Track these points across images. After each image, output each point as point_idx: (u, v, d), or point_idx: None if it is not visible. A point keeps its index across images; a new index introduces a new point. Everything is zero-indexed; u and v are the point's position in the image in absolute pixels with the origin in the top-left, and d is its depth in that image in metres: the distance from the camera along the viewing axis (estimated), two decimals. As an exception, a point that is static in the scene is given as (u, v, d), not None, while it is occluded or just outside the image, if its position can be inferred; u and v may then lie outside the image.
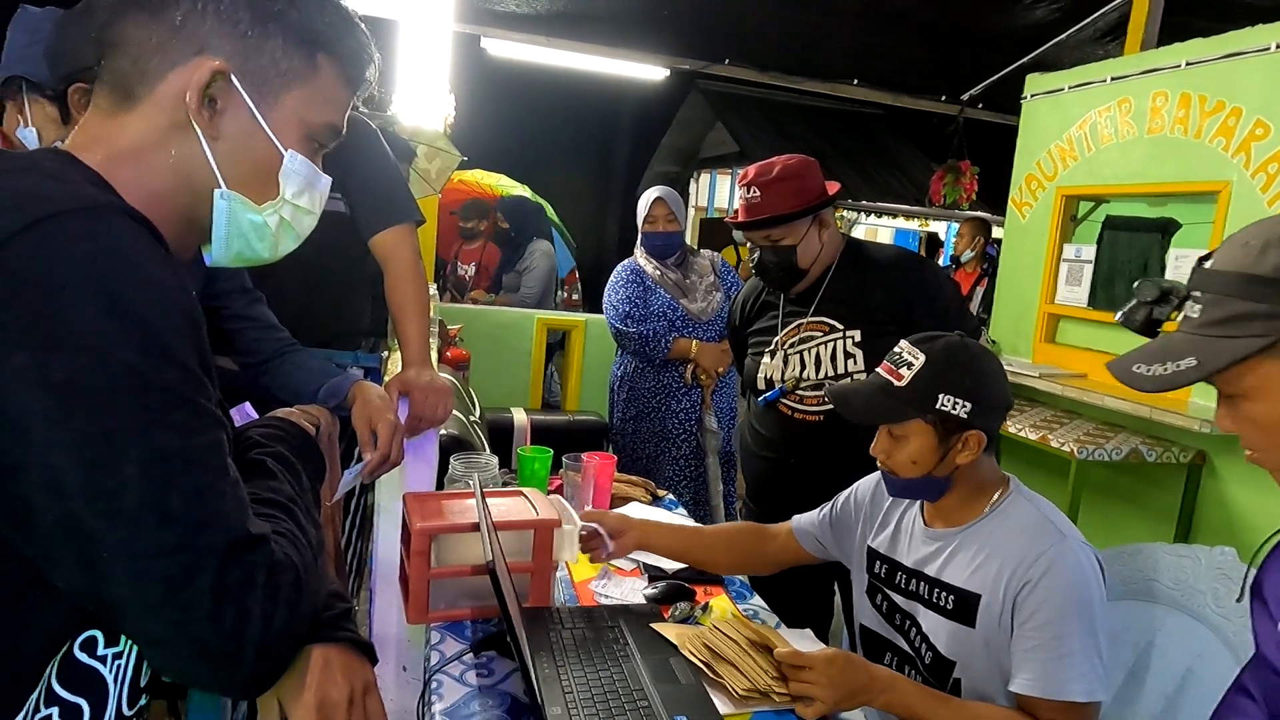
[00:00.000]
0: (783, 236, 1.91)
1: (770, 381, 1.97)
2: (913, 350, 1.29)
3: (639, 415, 2.85)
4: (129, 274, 0.55)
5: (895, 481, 1.34)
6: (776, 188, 1.89)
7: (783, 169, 1.90)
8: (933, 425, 1.26)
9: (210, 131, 0.66)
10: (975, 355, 1.29)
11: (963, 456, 1.27)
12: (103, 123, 0.67)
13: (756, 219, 1.91)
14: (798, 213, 1.90)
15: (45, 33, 1.53)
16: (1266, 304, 0.77)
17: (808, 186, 1.93)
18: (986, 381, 1.28)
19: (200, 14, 0.66)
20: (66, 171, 0.61)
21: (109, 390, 0.52)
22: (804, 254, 1.92)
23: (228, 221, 0.69)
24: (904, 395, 1.27)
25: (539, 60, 5.94)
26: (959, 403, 1.24)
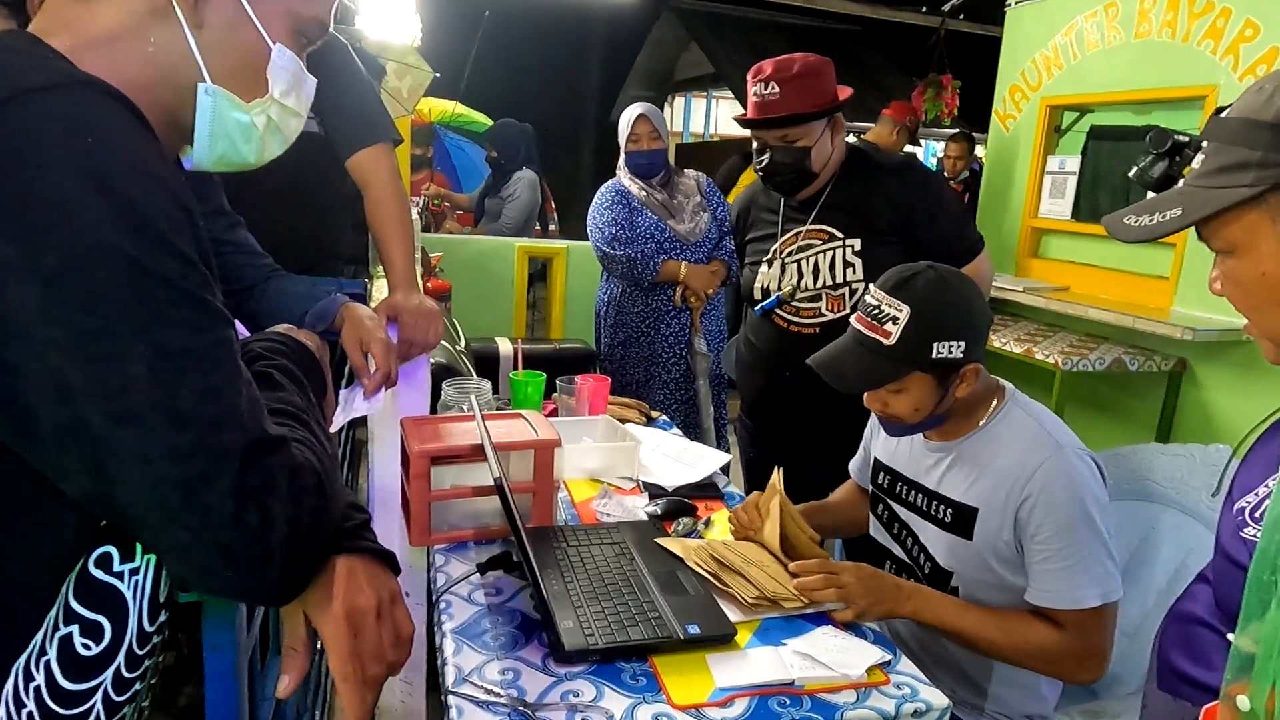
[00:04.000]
0: (799, 137, 1.84)
1: (766, 291, 1.94)
2: (892, 302, 1.24)
3: (627, 340, 2.83)
4: (119, 156, 0.50)
5: (897, 426, 1.32)
6: (797, 84, 1.81)
7: (803, 65, 1.83)
8: (930, 374, 1.24)
9: (193, 19, 0.61)
10: (954, 288, 1.26)
11: (962, 390, 1.27)
12: (70, 5, 0.61)
13: (774, 116, 1.83)
14: (817, 112, 1.83)
15: None
16: (1261, 150, 0.73)
17: (826, 86, 1.86)
18: (972, 311, 1.26)
19: None
20: (36, 48, 0.56)
21: (107, 280, 0.49)
22: (817, 156, 1.86)
23: (212, 119, 0.65)
24: (897, 353, 1.23)
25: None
26: (953, 345, 1.22)
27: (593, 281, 3.11)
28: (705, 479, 1.66)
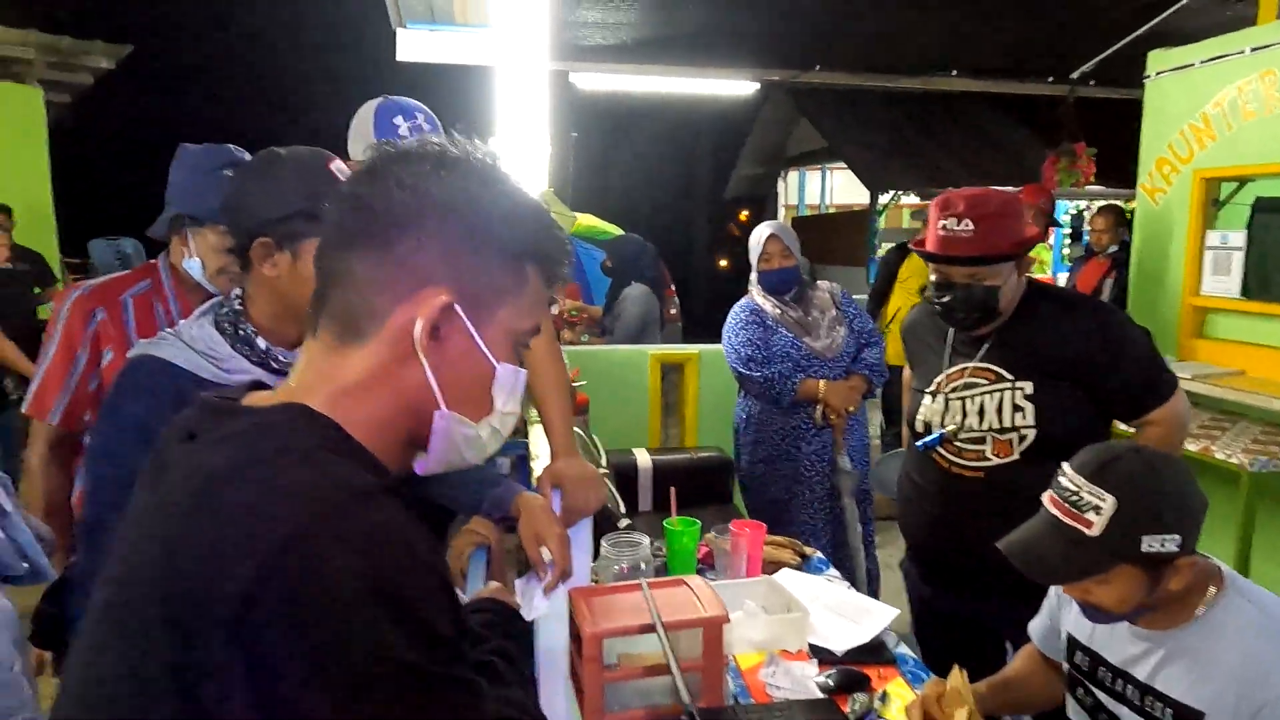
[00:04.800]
0: (987, 276, 1.75)
1: (929, 426, 1.87)
2: (1094, 490, 1.16)
3: (768, 458, 2.80)
4: (402, 563, 0.55)
5: (1100, 614, 1.23)
6: (993, 223, 1.74)
7: (1000, 204, 1.76)
8: (1140, 566, 1.16)
9: (434, 360, 0.67)
10: (1164, 475, 1.17)
11: (1175, 582, 1.17)
12: (328, 356, 0.68)
13: (967, 255, 1.76)
14: (1014, 254, 1.76)
15: (205, 169, 1.63)
16: None
17: (1020, 225, 1.79)
18: (1186, 501, 1.16)
19: (425, 248, 0.66)
20: (309, 442, 0.62)
21: (393, 691, 0.53)
22: (1005, 297, 1.77)
23: (445, 439, 0.70)
24: (1101, 546, 1.15)
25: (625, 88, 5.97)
26: (1166, 539, 1.13)
27: (726, 384, 3.12)
28: (874, 639, 1.60)
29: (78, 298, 1.63)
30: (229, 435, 0.62)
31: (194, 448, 0.64)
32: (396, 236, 0.66)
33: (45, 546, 1.28)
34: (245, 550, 0.53)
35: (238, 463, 0.58)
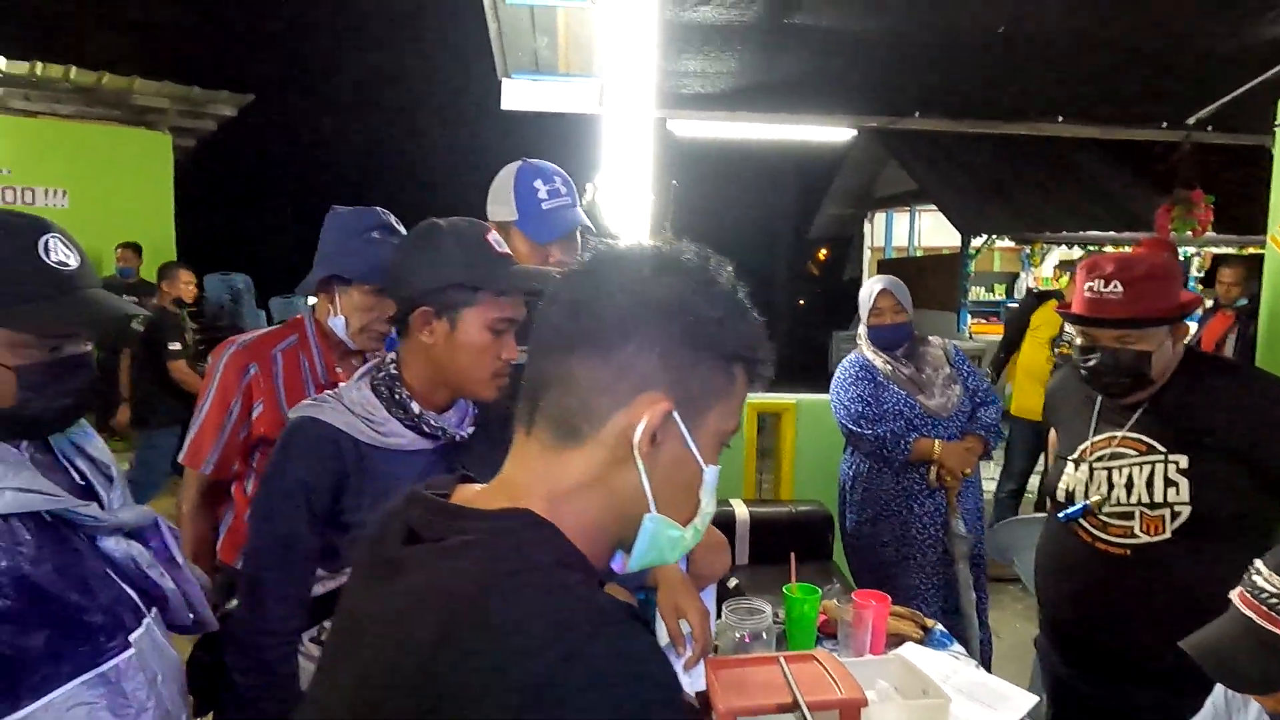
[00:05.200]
0: (1137, 340, 1.68)
1: (1071, 496, 1.79)
2: None
3: (876, 518, 2.73)
4: (650, 696, 0.55)
5: None
6: (1144, 286, 1.67)
7: (1151, 266, 1.70)
8: None
9: (649, 464, 0.67)
10: None
11: None
12: (545, 457, 0.69)
13: (1116, 318, 1.69)
14: (1165, 318, 1.69)
15: (353, 232, 1.70)
16: None
17: (1173, 289, 1.72)
18: None
19: (645, 352, 0.66)
20: (550, 557, 0.63)
21: None
22: (1158, 364, 1.69)
23: (650, 540, 0.70)
24: None
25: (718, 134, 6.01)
26: None
27: (823, 436, 3.05)
28: (1013, 729, 1.52)
29: (234, 352, 1.72)
30: (468, 545, 0.63)
31: (429, 553, 0.65)
32: (618, 341, 0.67)
33: (205, 596, 1.33)
34: (509, 682, 0.53)
35: (489, 581, 0.59)
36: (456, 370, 1.29)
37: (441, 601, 0.59)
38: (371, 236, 1.70)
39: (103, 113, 7.14)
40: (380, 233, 1.71)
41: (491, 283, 1.27)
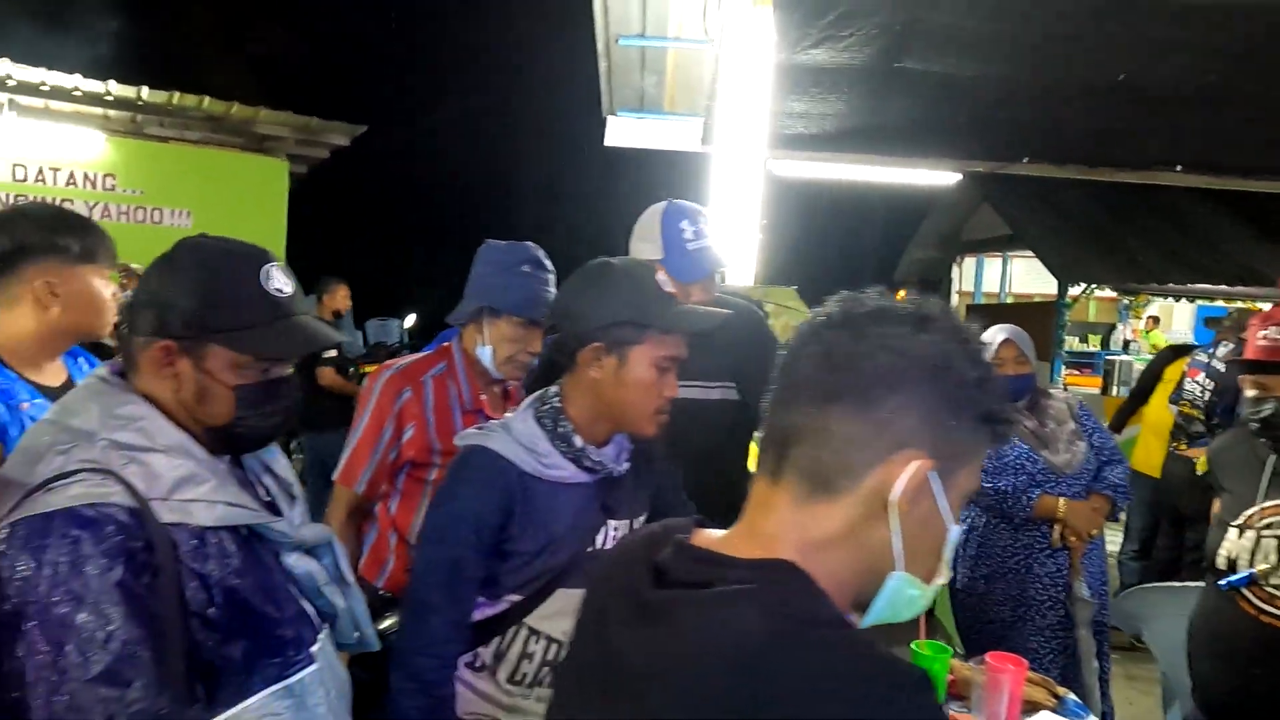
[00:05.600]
0: None
1: (1234, 564, 1.70)
2: None
3: (991, 575, 2.63)
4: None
5: None
6: None
7: None
8: None
9: (904, 522, 0.67)
10: None
11: None
12: (796, 508, 0.70)
13: None
14: None
15: (506, 265, 1.76)
16: None
17: None
18: None
19: (907, 411, 0.67)
20: (830, 613, 0.64)
21: None
22: None
23: (890, 598, 0.70)
24: None
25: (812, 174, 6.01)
26: None
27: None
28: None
29: (390, 377, 1.79)
30: (742, 594, 0.64)
31: (698, 600, 0.65)
32: (879, 397, 0.67)
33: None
34: None
35: (778, 633, 0.60)
36: (622, 405, 1.32)
37: (729, 652, 0.59)
38: (522, 270, 1.76)
39: (227, 140, 7.57)
40: (530, 266, 1.77)
41: (661, 321, 1.30)
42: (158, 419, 1.07)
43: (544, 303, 1.76)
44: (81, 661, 0.89)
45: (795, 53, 4.34)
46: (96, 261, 1.57)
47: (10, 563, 0.92)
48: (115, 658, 0.90)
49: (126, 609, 0.93)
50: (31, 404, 1.48)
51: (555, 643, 1.38)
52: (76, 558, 0.92)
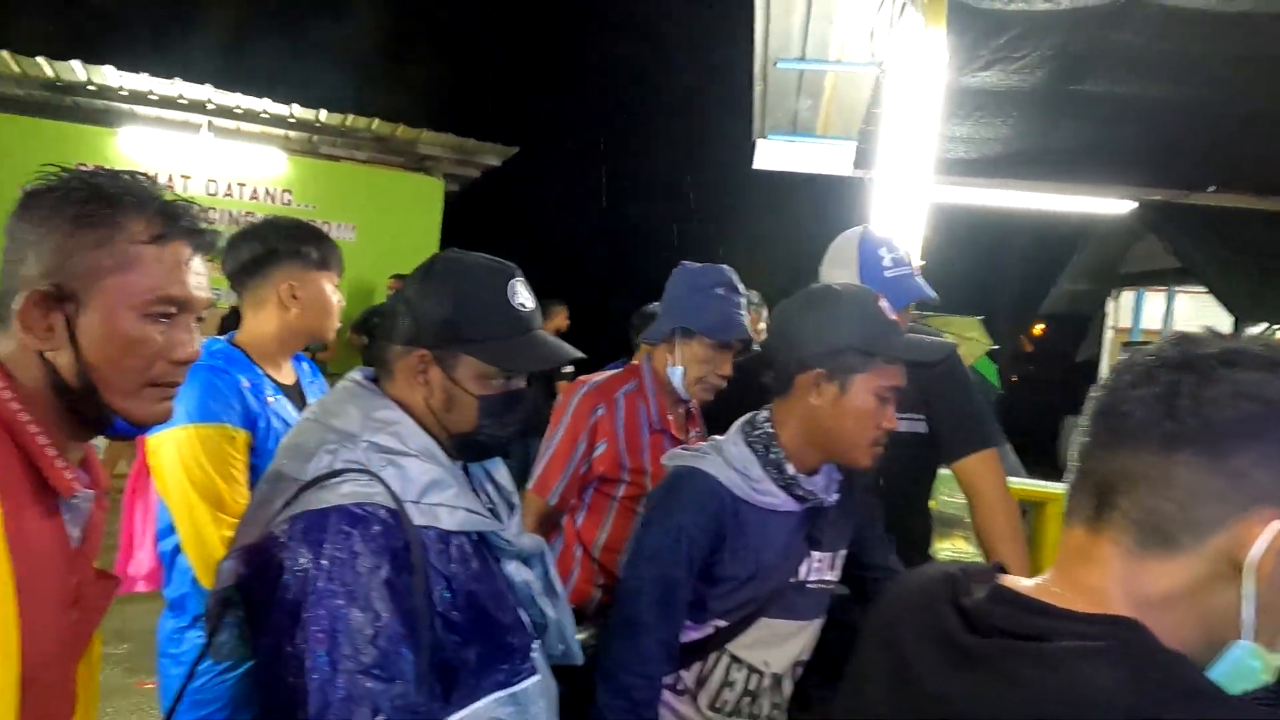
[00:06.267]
0: None
1: None
2: None
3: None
4: None
5: None
6: None
7: None
8: None
9: (1260, 587, 0.62)
10: None
11: None
12: (1125, 562, 0.66)
13: None
14: None
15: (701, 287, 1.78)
16: None
17: None
18: None
19: (1267, 463, 0.62)
20: (1203, 684, 0.60)
21: None
22: None
23: (1232, 669, 0.64)
24: None
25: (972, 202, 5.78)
26: None
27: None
28: None
29: (586, 393, 1.84)
30: (1092, 651, 0.60)
31: (1035, 653, 0.62)
32: (1235, 448, 0.62)
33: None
34: None
35: (1151, 699, 0.56)
36: (839, 434, 1.29)
37: (1098, 712, 0.56)
38: (716, 292, 1.77)
39: (391, 159, 8.07)
40: (724, 289, 1.78)
41: (886, 349, 1.27)
42: (409, 424, 1.12)
43: (737, 325, 1.77)
44: (353, 654, 0.94)
45: (962, 75, 4.20)
46: (329, 269, 1.69)
47: (293, 555, 0.98)
48: (382, 653, 0.95)
49: (392, 606, 0.97)
50: (275, 399, 1.61)
51: (756, 672, 1.36)
52: (349, 553, 0.98)
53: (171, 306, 0.91)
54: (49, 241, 0.88)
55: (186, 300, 0.93)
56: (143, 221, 0.90)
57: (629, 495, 1.81)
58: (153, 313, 0.90)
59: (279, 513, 1.04)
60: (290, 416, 1.62)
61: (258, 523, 1.06)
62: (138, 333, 0.89)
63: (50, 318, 0.87)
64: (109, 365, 0.88)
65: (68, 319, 0.87)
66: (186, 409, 1.49)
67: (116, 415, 0.90)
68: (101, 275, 0.88)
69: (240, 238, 1.70)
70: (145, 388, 0.91)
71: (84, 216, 0.88)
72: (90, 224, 0.88)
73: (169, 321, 0.92)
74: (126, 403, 0.90)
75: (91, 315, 0.88)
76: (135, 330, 0.89)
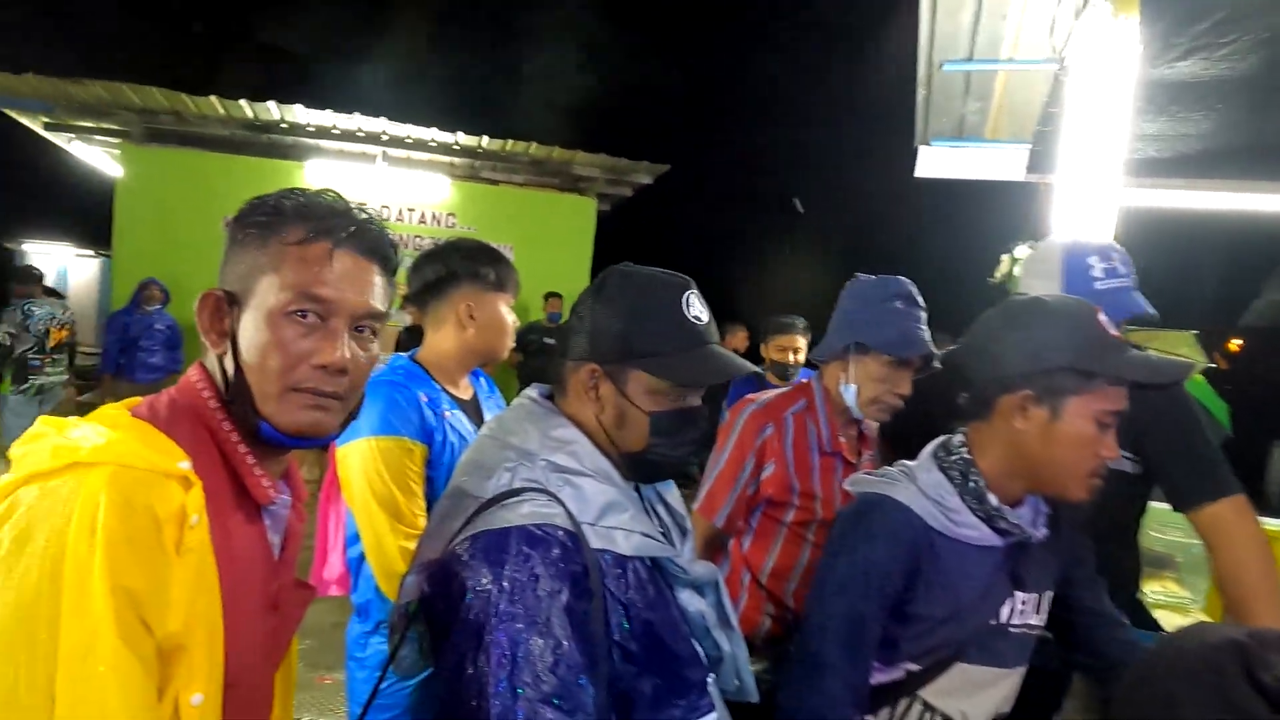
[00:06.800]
0: None
1: None
2: None
3: None
4: None
5: None
6: None
7: None
8: None
9: None
10: None
11: None
12: None
13: None
14: None
15: (877, 301, 1.67)
16: None
17: None
18: None
19: None
20: None
21: None
22: None
23: None
24: None
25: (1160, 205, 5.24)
26: None
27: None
28: None
29: (753, 412, 1.76)
30: None
31: None
32: None
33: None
34: None
35: None
36: (1049, 463, 1.16)
37: None
38: (894, 306, 1.65)
39: (546, 181, 8.34)
40: (903, 302, 1.66)
41: (1108, 369, 1.12)
42: (585, 443, 1.09)
43: (916, 341, 1.64)
44: (533, 681, 0.91)
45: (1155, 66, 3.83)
46: (505, 290, 1.72)
47: (475, 574, 0.97)
48: (563, 682, 0.92)
49: (572, 633, 0.94)
50: (452, 413, 1.65)
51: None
52: (530, 576, 0.95)
53: (311, 304, 0.88)
54: (230, 251, 0.91)
55: (327, 300, 0.89)
56: (300, 226, 0.90)
57: (798, 521, 1.71)
58: (292, 310, 0.88)
59: (460, 530, 1.03)
60: (466, 431, 1.65)
61: (440, 538, 1.06)
62: (279, 331, 0.87)
63: (224, 322, 0.90)
64: (256, 366, 0.88)
65: (232, 322, 0.89)
66: (369, 422, 1.55)
67: (263, 421, 0.88)
68: (257, 276, 0.89)
69: (423, 260, 1.76)
70: (288, 392, 0.88)
71: (254, 224, 0.90)
72: (257, 230, 0.90)
73: (311, 324, 0.89)
74: (269, 406, 0.88)
75: (247, 316, 0.89)
76: (277, 328, 0.87)
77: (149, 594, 0.74)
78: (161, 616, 0.75)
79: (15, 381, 5.19)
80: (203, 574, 0.80)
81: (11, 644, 0.69)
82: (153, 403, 0.90)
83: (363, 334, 0.94)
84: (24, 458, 0.78)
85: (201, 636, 0.79)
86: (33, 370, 5.20)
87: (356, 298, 0.92)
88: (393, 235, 1.01)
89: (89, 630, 0.70)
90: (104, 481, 0.74)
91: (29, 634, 0.69)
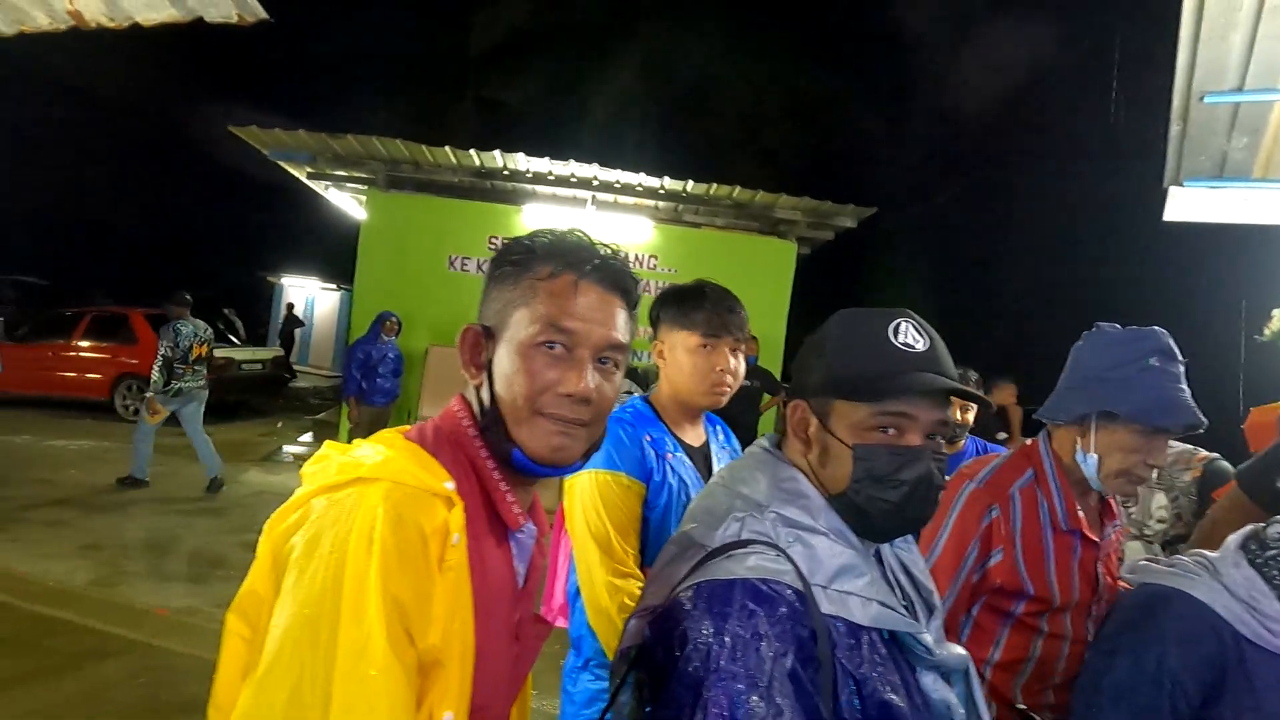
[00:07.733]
0: None
1: None
2: None
3: None
4: None
5: None
6: None
7: None
8: None
9: None
10: None
11: None
12: None
13: None
14: None
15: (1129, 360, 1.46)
16: None
17: None
18: None
19: None
20: None
21: None
22: None
23: None
24: None
25: None
26: None
27: None
28: None
29: (974, 491, 1.58)
30: None
31: None
32: None
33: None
34: None
35: None
36: None
37: None
38: (1149, 364, 1.43)
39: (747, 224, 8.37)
40: (1160, 359, 1.44)
41: None
42: (818, 497, 1.03)
43: (1180, 407, 1.40)
44: None
45: None
46: (692, 328, 1.71)
47: (697, 625, 0.93)
48: None
49: (796, 704, 0.87)
50: (674, 456, 1.64)
51: None
52: (753, 634, 0.90)
53: (559, 335, 0.92)
54: (488, 288, 0.98)
55: (573, 330, 0.92)
56: (549, 262, 0.94)
57: (1030, 611, 1.51)
58: (541, 342, 0.92)
59: (685, 578, 1.00)
60: (687, 475, 1.64)
61: (665, 583, 1.04)
62: (529, 362, 0.91)
63: (481, 355, 0.95)
64: (508, 395, 0.92)
65: (488, 355, 0.94)
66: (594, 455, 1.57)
67: (515, 447, 0.92)
68: (511, 311, 0.94)
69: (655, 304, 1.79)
70: (536, 416, 0.91)
71: (509, 263, 0.96)
72: (511, 268, 0.95)
73: (559, 355, 0.92)
74: (519, 430, 0.92)
75: (501, 349, 0.94)
76: (527, 359, 0.92)
77: (414, 605, 0.77)
78: (424, 629, 0.78)
79: (163, 384, 6.22)
80: (460, 592, 0.82)
81: (299, 640, 0.74)
82: (422, 428, 0.95)
83: (605, 365, 0.96)
84: (314, 475, 0.85)
85: (455, 655, 0.81)
86: (175, 376, 6.26)
87: (600, 329, 0.94)
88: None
89: (364, 633, 0.73)
90: (380, 495, 0.79)
91: (314, 632, 0.74)
